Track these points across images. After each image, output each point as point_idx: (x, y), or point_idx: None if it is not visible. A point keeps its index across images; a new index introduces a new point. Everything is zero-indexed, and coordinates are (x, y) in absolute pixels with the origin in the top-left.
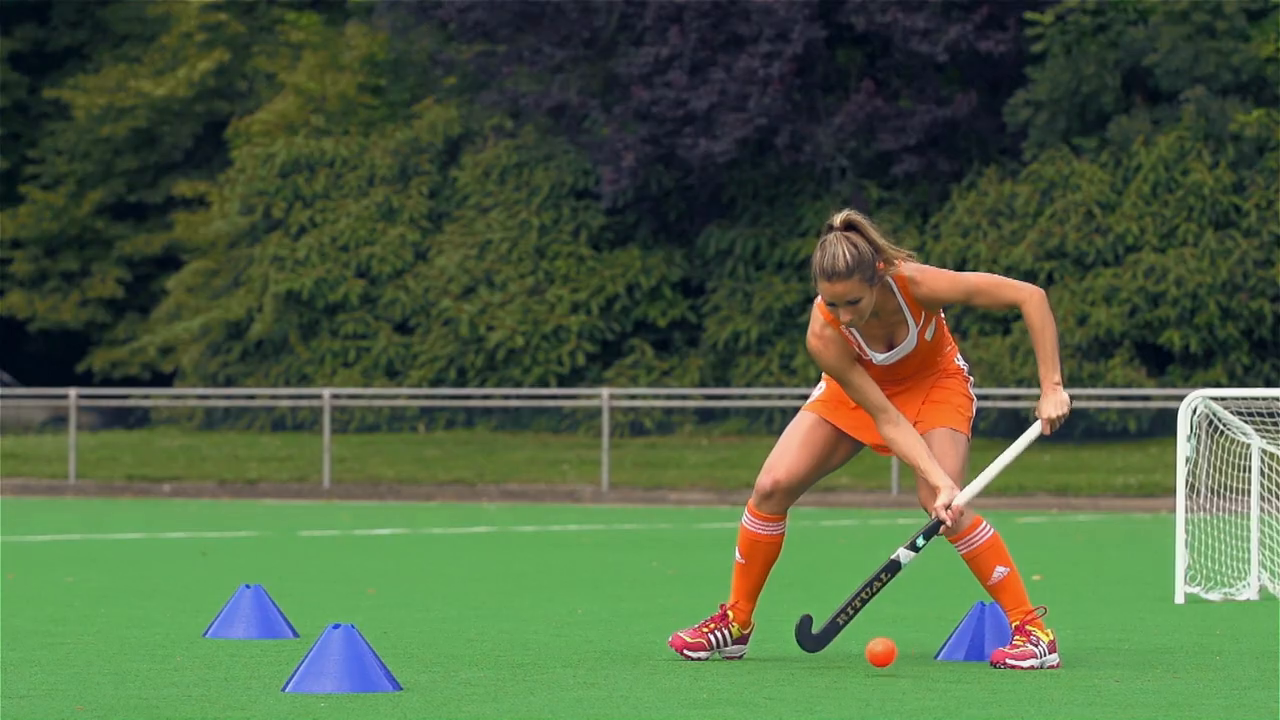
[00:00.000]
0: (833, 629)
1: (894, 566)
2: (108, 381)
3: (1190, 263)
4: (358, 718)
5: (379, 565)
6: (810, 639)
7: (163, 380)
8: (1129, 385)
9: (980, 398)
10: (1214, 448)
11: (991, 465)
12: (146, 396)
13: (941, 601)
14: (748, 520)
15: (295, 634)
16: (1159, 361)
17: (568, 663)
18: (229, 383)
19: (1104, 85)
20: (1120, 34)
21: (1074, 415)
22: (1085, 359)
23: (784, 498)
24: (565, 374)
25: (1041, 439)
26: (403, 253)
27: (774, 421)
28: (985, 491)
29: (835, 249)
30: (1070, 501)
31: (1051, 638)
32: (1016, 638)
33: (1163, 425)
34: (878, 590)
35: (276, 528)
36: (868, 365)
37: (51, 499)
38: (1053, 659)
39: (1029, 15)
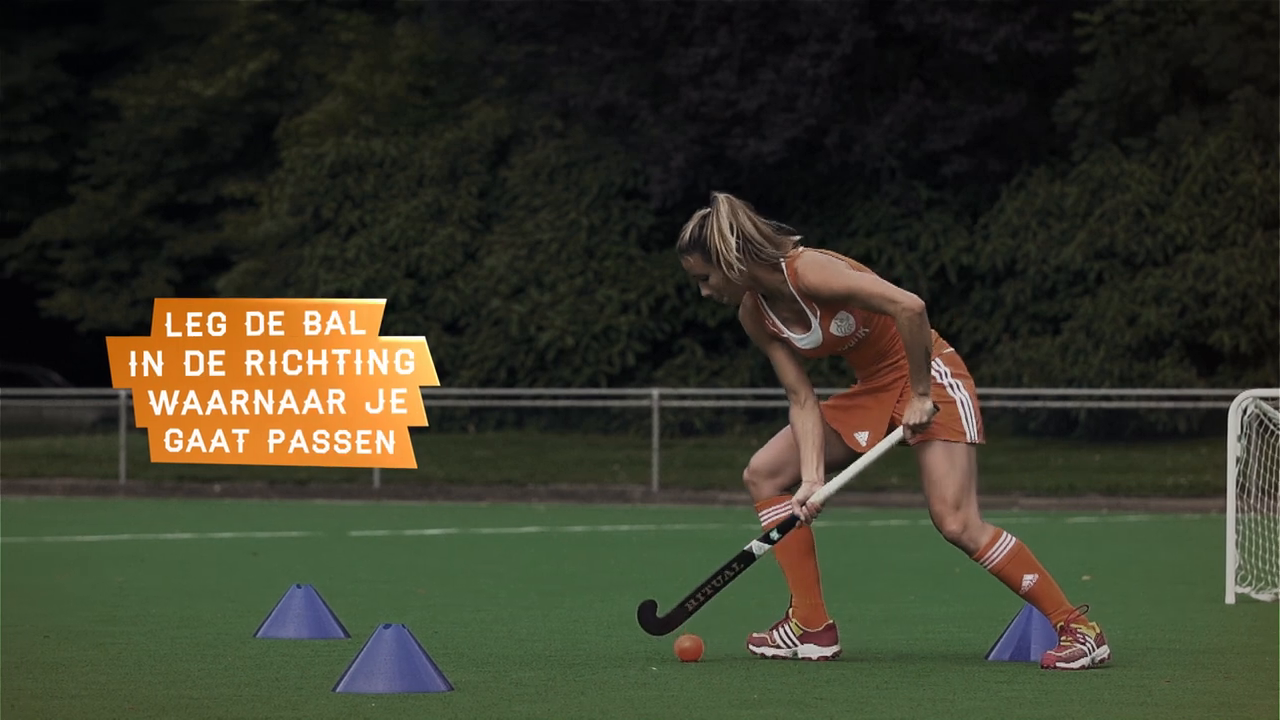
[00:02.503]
0: (680, 614)
1: (747, 557)
2: None
3: (1240, 263)
4: (409, 718)
5: (429, 565)
6: (655, 623)
7: None
8: (1179, 385)
9: (1030, 398)
10: (1264, 448)
11: (852, 466)
12: None
13: (991, 601)
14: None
15: (346, 634)
16: (1209, 361)
17: (619, 663)
18: None
19: (1153, 85)
20: (1169, 34)
21: (1124, 415)
22: (1135, 359)
23: (764, 483)
24: (615, 374)
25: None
26: (452, 253)
27: None
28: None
29: (690, 224)
30: (1120, 502)
31: (1098, 631)
32: (1063, 639)
33: (1213, 425)
34: (729, 580)
35: (327, 528)
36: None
37: (102, 499)
38: (1102, 652)
39: (1078, 15)
